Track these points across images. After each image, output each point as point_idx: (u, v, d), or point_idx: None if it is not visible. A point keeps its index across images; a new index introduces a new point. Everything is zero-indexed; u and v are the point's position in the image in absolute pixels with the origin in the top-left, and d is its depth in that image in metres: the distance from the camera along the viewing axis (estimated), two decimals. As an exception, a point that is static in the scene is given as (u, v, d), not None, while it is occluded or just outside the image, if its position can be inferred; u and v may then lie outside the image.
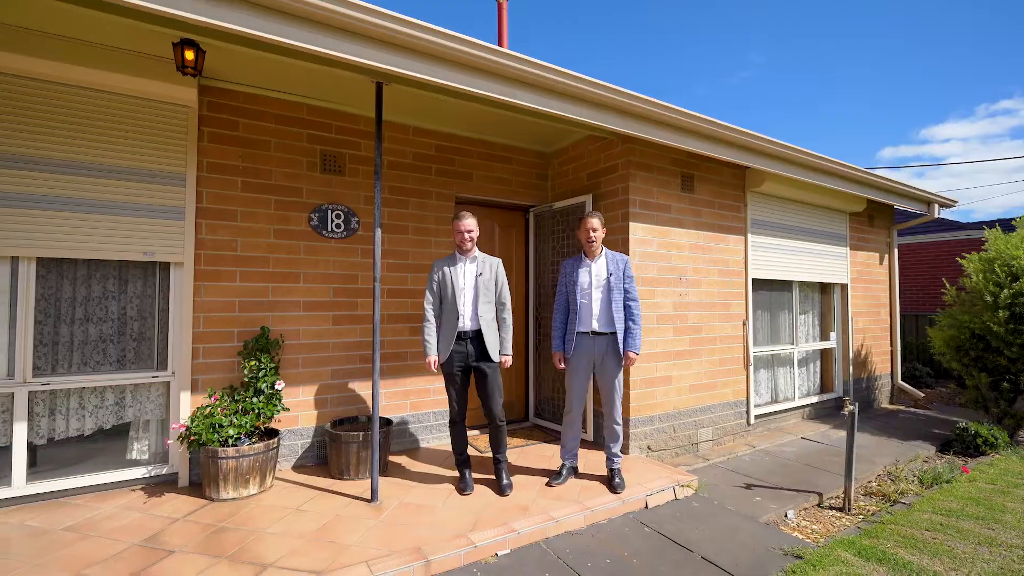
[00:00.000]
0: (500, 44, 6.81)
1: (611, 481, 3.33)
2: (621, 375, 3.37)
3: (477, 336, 3.20)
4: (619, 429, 3.41)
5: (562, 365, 3.46)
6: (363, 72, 2.88)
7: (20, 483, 2.99)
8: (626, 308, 3.33)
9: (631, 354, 3.28)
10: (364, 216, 3.99)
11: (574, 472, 3.53)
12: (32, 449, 3.10)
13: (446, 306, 3.23)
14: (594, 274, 3.35)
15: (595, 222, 3.35)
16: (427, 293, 3.27)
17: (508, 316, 3.33)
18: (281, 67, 3.24)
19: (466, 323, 3.19)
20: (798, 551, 2.71)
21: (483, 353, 3.20)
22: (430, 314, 3.24)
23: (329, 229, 3.85)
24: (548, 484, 3.34)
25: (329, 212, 3.85)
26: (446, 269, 3.25)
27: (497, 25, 6.93)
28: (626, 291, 3.36)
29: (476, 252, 3.32)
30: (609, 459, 3.39)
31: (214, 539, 2.63)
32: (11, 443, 3.00)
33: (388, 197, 4.10)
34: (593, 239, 3.34)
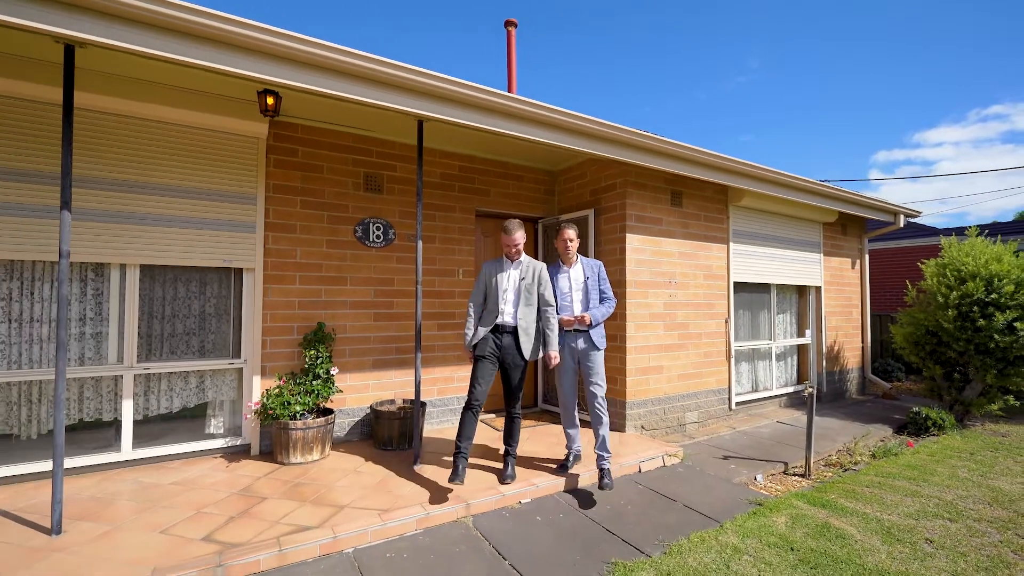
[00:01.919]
0: (509, 65, 7.46)
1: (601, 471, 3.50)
2: (601, 361, 3.63)
3: (515, 333, 3.46)
4: (604, 417, 3.57)
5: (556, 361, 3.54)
6: (407, 116, 3.54)
7: (128, 449, 3.65)
8: (603, 304, 3.66)
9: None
10: (399, 228, 4.67)
11: (578, 459, 3.82)
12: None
13: (488, 303, 3.52)
14: (573, 279, 3.68)
15: (571, 233, 3.66)
16: (474, 292, 3.59)
17: (552, 315, 3.52)
18: (336, 106, 3.90)
19: (507, 320, 3.44)
20: (760, 501, 3.40)
21: (518, 350, 3.45)
22: (472, 310, 3.55)
23: (371, 240, 4.52)
24: (559, 469, 3.66)
25: (371, 225, 4.52)
26: (493, 272, 3.55)
27: (506, 49, 7.61)
28: (602, 292, 3.69)
29: (522, 257, 3.56)
30: (599, 448, 3.55)
31: (295, 490, 3.29)
32: (120, 417, 3.66)
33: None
34: (570, 248, 3.65)
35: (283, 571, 2.50)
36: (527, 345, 3.46)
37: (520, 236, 3.49)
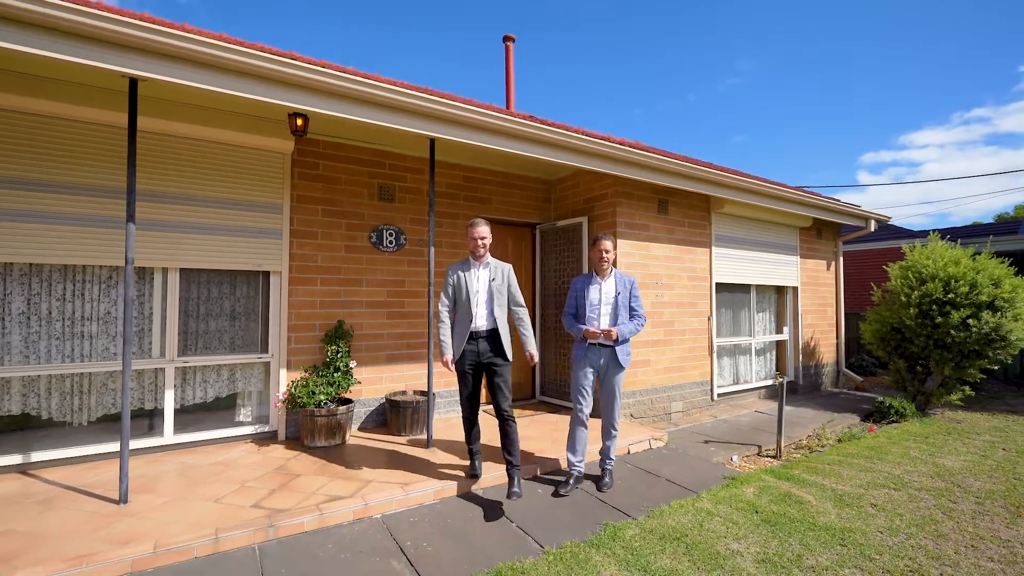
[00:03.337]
0: (507, 80, 7.88)
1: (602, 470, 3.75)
2: (622, 382, 3.69)
3: (490, 336, 3.40)
4: (615, 432, 3.68)
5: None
6: (422, 137, 3.96)
7: (169, 434, 4.06)
8: (632, 321, 3.64)
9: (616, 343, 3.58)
10: (410, 234, 5.09)
11: (581, 480, 3.65)
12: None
13: (460, 308, 3.45)
14: (604, 292, 3.61)
15: (608, 244, 3.58)
16: (442, 296, 3.50)
17: (525, 315, 3.54)
18: (354, 124, 4.28)
19: (479, 324, 3.39)
20: (734, 476, 3.87)
21: (496, 351, 3.40)
22: (444, 316, 3.48)
23: (384, 244, 4.94)
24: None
25: (384, 231, 4.94)
26: (460, 274, 3.46)
27: (505, 64, 8.04)
28: (633, 309, 3.65)
29: (488, 258, 3.50)
30: (604, 455, 3.76)
31: (324, 468, 3.71)
32: (161, 406, 4.07)
33: (426, 219, 5.19)
34: (605, 259, 3.58)
35: (324, 532, 2.92)
36: (507, 344, 3.43)
37: (486, 230, 3.44)
